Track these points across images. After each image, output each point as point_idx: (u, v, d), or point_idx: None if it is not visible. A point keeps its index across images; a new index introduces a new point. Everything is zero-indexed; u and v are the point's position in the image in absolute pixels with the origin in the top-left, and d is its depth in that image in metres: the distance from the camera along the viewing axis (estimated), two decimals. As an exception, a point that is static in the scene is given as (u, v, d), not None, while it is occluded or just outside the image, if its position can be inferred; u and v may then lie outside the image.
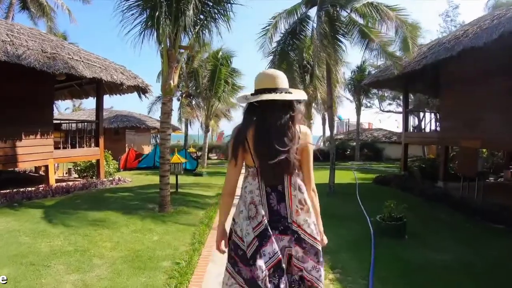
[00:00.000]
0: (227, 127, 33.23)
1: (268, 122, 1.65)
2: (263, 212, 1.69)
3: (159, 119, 23.33)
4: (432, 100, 14.56)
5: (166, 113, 6.18)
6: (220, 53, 14.30)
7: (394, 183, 9.92)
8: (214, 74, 13.84)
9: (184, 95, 17.48)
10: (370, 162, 18.90)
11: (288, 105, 1.70)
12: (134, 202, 6.56)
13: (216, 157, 21.83)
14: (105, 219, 5.20)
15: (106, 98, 10.80)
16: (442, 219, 5.97)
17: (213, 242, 2.01)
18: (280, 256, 1.66)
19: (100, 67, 8.39)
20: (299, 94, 1.78)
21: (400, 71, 8.99)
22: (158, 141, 25.80)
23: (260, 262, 1.61)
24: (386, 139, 22.21)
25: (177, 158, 7.86)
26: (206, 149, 15.48)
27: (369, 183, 11.02)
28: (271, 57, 9.73)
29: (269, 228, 1.67)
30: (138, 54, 8.48)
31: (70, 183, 8.58)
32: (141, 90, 9.30)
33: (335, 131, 30.93)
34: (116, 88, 10.30)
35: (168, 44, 5.96)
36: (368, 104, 24.35)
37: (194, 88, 15.19)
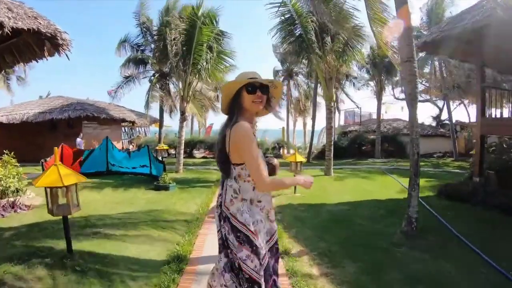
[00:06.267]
0: (216, 120, 28.59)
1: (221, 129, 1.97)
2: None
3: (130, 109, 18.34)
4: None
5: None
6: (201, 11, 10.08)
7: (478, 198, 6.15)
8: (192, 36, 9.44)
9: (156, 74, 13.27)
10: (395, 159, 15.05)
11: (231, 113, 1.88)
12: None
13: (201, 155, 17.55)
14: None
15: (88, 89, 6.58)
16: None
17: None
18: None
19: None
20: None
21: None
22: (134, 135, 21.42)
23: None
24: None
25: (53, 175, 3.04)
26: (182, 146, 10.84)
27: (429, 195, 7.18)
28: None
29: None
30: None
31: None
32: (49, 40, 5.10)
33: (342, 122, 26.29)
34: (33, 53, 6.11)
35: None
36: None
37: (163, 59, 10.84)
